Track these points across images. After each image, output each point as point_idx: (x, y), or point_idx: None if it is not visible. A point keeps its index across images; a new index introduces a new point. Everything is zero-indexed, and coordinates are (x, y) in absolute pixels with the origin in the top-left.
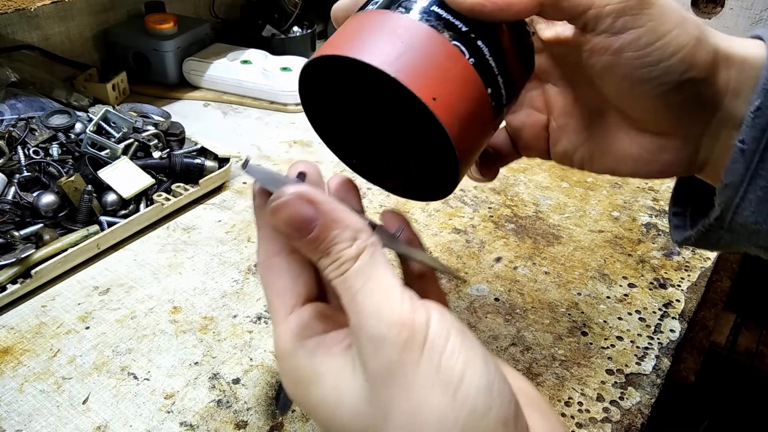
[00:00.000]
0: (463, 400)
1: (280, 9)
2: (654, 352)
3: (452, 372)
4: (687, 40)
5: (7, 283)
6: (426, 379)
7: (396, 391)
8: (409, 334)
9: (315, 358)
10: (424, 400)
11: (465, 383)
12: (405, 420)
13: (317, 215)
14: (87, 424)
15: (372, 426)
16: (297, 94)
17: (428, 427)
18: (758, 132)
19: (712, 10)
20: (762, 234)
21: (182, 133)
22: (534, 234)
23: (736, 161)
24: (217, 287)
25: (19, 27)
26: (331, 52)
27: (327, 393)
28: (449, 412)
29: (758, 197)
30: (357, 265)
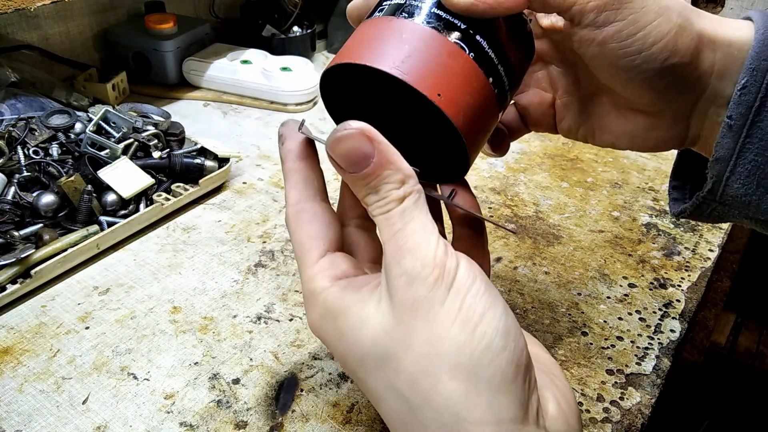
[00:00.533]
0: (481, 336)
1: (280, 9)
2: (654, 352)
3: (474, 311)
4: (668, 29)
5: (7, 283)
6: (449, 316)
7: (420, 323)
8: (440, 273)
9: (344, 294)
10: (444, 333)
11: (484, 323)
12: (425, 349)
13: (374, 153)
14: (87, 424)
15: (391, 353)
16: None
17: (446, 357)
18: (745, 108)
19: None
20: (752, 205)
21: (182, 133)
22: (534, 234)
23: (725, 136)
24: (217, 287)
25: (19, 27)
26: (346, 60)
27: (350, 324)
28: (466, 346)
29: (747, 170)
30: (402, 206)
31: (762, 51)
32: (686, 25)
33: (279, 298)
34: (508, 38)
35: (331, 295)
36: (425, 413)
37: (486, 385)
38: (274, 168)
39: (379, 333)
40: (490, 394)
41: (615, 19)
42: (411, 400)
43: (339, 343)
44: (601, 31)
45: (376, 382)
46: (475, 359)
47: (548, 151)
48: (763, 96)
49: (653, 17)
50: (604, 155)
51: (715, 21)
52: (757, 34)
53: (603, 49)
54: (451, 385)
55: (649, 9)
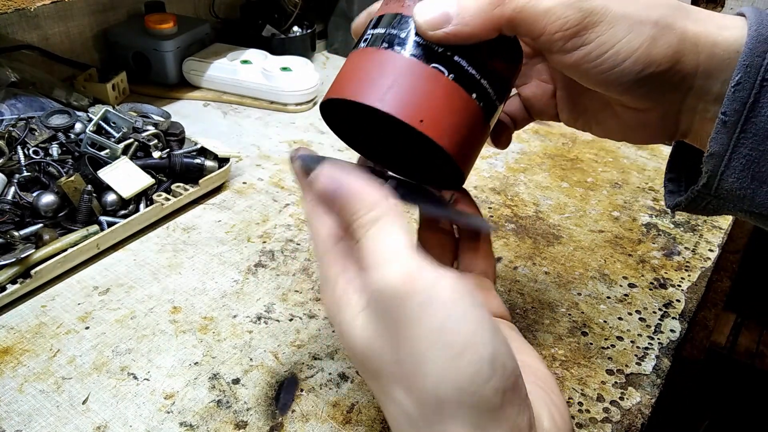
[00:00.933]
0: (466, 365)
1: (280, 9)
2: (654, 352)
3: (457, 336)
4: (639, 43)
5: (7, 283)
6: (429, 336)
7: (401, 340)
8: (410, 288)
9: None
10: (426, 354)
11: (470, 351)
12: (411, 367)
13: (340, 190)
14: (87, 424)
15: (382, 367)
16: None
17: (430, 377)
18: (739, 105)
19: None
20: (747, 199)
21: (182, 133)
22: (534, 234)
23: (719, 132)
24: (217, 287)
25: (19, 27)
26: (336, 96)
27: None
28: (450, 373)
29: (742, 164)
30: (372, 230)
31: (755, 47)
32: (662, 33)
33: (279, 298)
34: (490, 51)
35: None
36: (422, 426)
37: (474, 411)
38: (274, 168)
39: (366, 351)
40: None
41: (582, 43)
42: (409, 411)
43: (342, 341)
44: (571, 55)
45: (376, 388)
46: (458, 385)
47: (548, 151)
48: (756, 92)
49: (623, 35)
50: (604, 155)
51: (701, 21)
52: (750, 30)
53: (576, 69)
54: (442, 404)
55: (617, 28)
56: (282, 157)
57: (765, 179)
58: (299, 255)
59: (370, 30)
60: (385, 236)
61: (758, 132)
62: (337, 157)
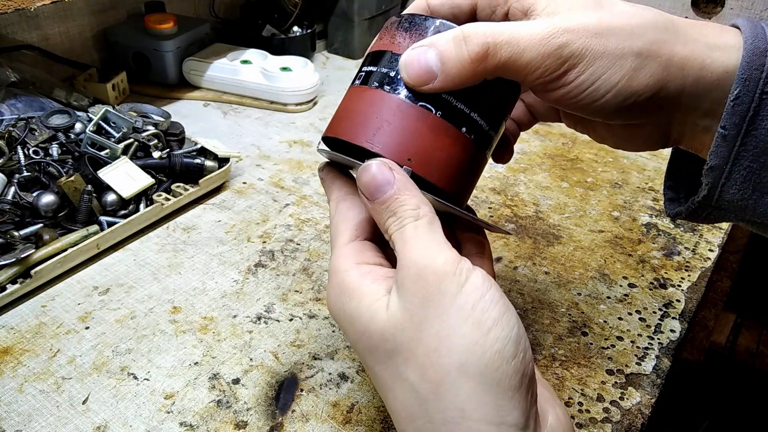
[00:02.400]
0: (493, 340)
1: (280, 9)
2: (654, 352)
3: (487, 315)
4: (619, 77)
5: (7, 283)
6: (460, 313)
7: (430, 315)
8: (452, 269)
9: (363, 280)
10: (455, 329)
11: (497, 328)
12: (435, 343)
13: (394, 180)
14: (87, 424)
15: (400, 345)
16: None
17: (455, 353)
18: (738, 118)
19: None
20: (748, 210)
21: (182, 133)
22: (534, 234)
23: (719, 146)
24: (217, 287)
25: (19, 27)
26: (331, 135)
27: (362, 311)
28: (477, 346)
29: (742, 176)
30: (417, 222)
31: (752, 61)
32: (645, 63)
33: (279, 298)
34: (480, 85)
35: (349, 277)
36: (432, 404)
37: (493, 388)
38: (274, 168)
39: (388, 327)
40: (497, 397)
41: (562, 84)
42: (420, 391)
43: (350, 327)
44: (553, 94)
45: (385, 372)
46: (485, 361)
47: (548, 151)
48: (756, 106)
49: (601, 72)
50: (604, 155)
51: (691, 41)
52: (746, 44)
53: (559, 103)
54: (460, 380)
55: (597, 65)
56: (282, 157)
57: (766, 189)
58: (299, 255)
59: (364, 67)
60: (428, 230)
61: (759, 144)
62: None
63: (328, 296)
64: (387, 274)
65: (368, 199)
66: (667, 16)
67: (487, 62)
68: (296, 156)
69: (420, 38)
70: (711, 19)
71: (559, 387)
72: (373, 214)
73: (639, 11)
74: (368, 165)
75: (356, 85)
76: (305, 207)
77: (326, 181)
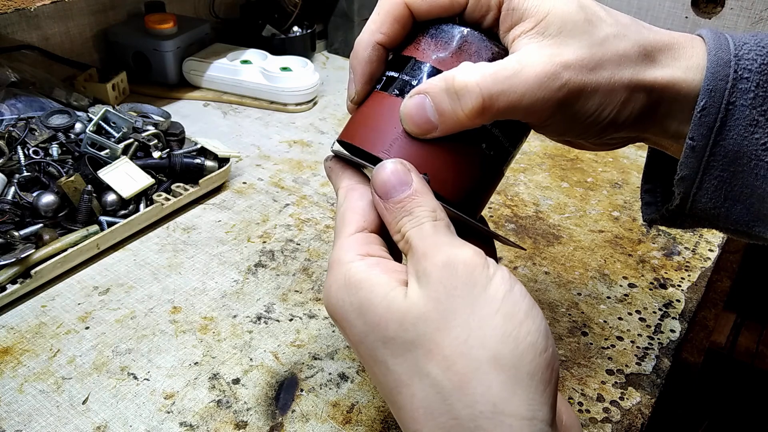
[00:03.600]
0: (526, 333)
1: (280, 9)
2: (654, 352)
3: (518, 308)
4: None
5: (7, 283)
6: (491, 304)
7: (459, 306)
8: (482, 264)
9: (372, 271)
10: (486, 320)
11: (529, 320)
12: (465, 333)
13: (412, 181)
14: (87, 424)
15: (423, 336)
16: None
17: (488, 344)
18: (706, 129)
19: (713, 9)
20: (721, 217)
21: (182, 133)
22: (534, 234)
23: (688, 157)
24: (217, 287)
25: (19, 27)
26: (347, 140)
27: (375, 302)
28: (510, 338)
29: (713, 186)
30: (435, 222)
31: (717, 71)
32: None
33: (279, 298)
34: None
35: (356, 268)
36: (458, 399)
37: (526, 381)
38: (273, 168)
39: (409, 316)
40: (529, 391)
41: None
42: (445, 385)
43: (358, 319)
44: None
45: (401, 366)
46: (518, 353)
47: (548, 151)
48: (723, 116)
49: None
50: (604, 155)
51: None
52: (709, 55)
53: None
54: (492, 373)
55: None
56: (282, 157)
57: (738, 198)
58: (299, 255)
59: (387, 71)
60: (447, 231)
61: (727, 154)
62: None
63: (327, 289)
64: (395, 267)
65: (381, 197)
66: (646, 35)
67: (484, 115)
68: (296, 156)
69: (445, 48)
70: (711, 19)
71: (559, 387)
72: (384, 213)
73: (621, 32)
74: (385, 164)
75: (377, 90)
76: (305, 207)
77: (334, 171)
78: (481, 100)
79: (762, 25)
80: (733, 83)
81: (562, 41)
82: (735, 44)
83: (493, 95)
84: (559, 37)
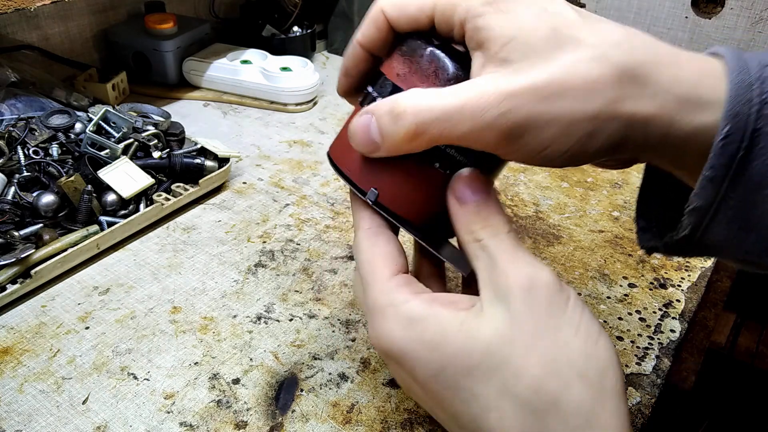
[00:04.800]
0: (604, 351)
1: (280, 9)
2: (654, 352)
3: (593, 327)
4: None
5: (7, 283)
6: (572, 325)
7: (542, 328)
8: (560, 287)
9: (433, 306)
10: (570, 340)
11: (603, 338)
12: (551, 353)
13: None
14: (87, 424)
15: (509, 358)
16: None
17: (575, 362)
18: (727, 159)
19: (713, 9)
20: (732, 247)
21: (182, 133)
22: (534, 234)
23: (704, 187)
24: (217, 287)
25: (19, 27)
26: (329, 151)
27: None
28: (593, 356)
29: (729, 216)
30: (510, 235)
31: (739, 95)
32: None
33: (279, 298)
34: None
35: (418, 305)
36: (552, 416)
37: (611, 394)
38: (273, 168)
39: (493, 339)
40: (615, 403)
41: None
42: (535, 404)
43: (432, 354)
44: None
45: (488, 390)
46: (601, 369)
47: None
48: (747, 145)
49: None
50: None
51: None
52: (732, 75)
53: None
54: (581, 389)
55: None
56: (282, 157)
57: (753, 227)
58: (299, 255)
59: (367, 84)
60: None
61: (748, 183)
62: None
63: (385, 333)
64: (452, 298)
65: (458, 200)
66: (638, 55)
67: (419, 140)
68: (296, 156)
69: (409, 66)
70: (711, 19)
71: None
72: (459, 217)
73: (602, 54)
74: (466, 170)
75: (358, 104)
76: (305, 207)
77: (353, 204)
78: (414, 125)
79: (762, 25)
80: (760, 107)
81: (520, 68)
82: (758, 64)
83: (425, 122)
84: (520, 63)
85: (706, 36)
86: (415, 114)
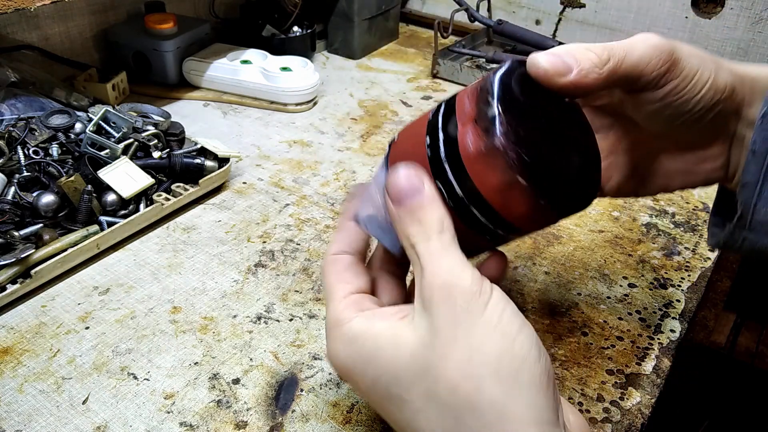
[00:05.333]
0: (519, 347)
1: (280, 9)
2: (654, 352)
3: (511, 327)
4: (708, 74)
5: (7, 283)
6: (488, 326)
7: (460, 331)
8: (479, 289)
9: (370, 322)
10: (484, 341)
11: (521, 337)
12: (466, 355)
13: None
14: (87, 424)
15: (431, 362)
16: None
17: (487, 362)
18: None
19: (713, 9)
20: None
21: (182, 133)
22: (534, 234)
23: (749, 162)
24: (217, 287)
25: (19, 27)
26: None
27: (382, 346)
28: (506, 353)
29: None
30: (442, 236)
31: None
32: (720, 67)
33: (279, 298)
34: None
35: (358, 323)
36: (469, 414)
37: (526, 389)
38: (273, 168)
39: (416, 347)
40: (529, 396)
41: (671, 78)
42: (453, 405)
43: (368, 367)
44: (661, 90)
45: (415, 394)
46: (515, 366)
47: None
48: None
49: (697, 67)
50: None
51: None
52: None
53: (662, 103)
54: (494, 387)
55: (693, 62)
56: (282, 157)
57: None
58: (299, 255)
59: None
60: (451, 243)
61: None
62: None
63: (332, 351)
64: (391, 311)
65: (394, 202)
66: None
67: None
68: (296, 156)
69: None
70: (711, 18)
71: (559, 387)
72: (396, 219)
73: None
74: (398, 168)
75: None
76: (305, 207)
77: (341, 218)
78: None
79: (762, 25)
80: None
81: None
82: None
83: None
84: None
85: (706, 36)
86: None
